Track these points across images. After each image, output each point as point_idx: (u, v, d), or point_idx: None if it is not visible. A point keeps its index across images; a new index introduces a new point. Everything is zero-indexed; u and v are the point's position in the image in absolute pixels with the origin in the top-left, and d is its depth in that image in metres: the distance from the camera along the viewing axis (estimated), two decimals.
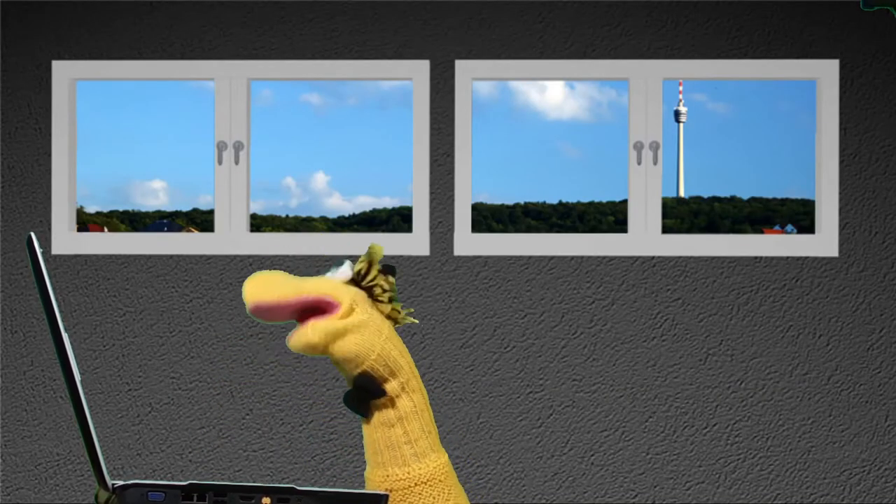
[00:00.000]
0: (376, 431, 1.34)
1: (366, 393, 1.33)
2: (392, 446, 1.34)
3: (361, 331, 1.32)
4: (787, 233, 4.14)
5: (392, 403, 1.33)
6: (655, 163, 4.08)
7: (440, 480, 1.35)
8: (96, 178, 4.25)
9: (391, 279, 1.37)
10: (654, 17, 4.08)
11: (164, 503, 1.24)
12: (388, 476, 1.33)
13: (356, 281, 1.37)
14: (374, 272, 1.36)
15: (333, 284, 1.34)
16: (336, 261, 1.39)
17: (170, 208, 4.26)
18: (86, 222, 4.20)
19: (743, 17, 4.07)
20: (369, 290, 1.36)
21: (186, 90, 4.28)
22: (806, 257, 4.07)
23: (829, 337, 4.06)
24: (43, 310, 1.29)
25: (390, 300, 1.35)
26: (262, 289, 1.30)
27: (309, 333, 1.31)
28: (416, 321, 1.40)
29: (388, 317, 1.35)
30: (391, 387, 1.33)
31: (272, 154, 4.23)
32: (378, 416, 1.34)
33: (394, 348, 1.33)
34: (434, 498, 1.35)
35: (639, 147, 4.07)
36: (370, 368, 1.32)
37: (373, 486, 1.34)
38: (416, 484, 1.34)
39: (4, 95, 4.14)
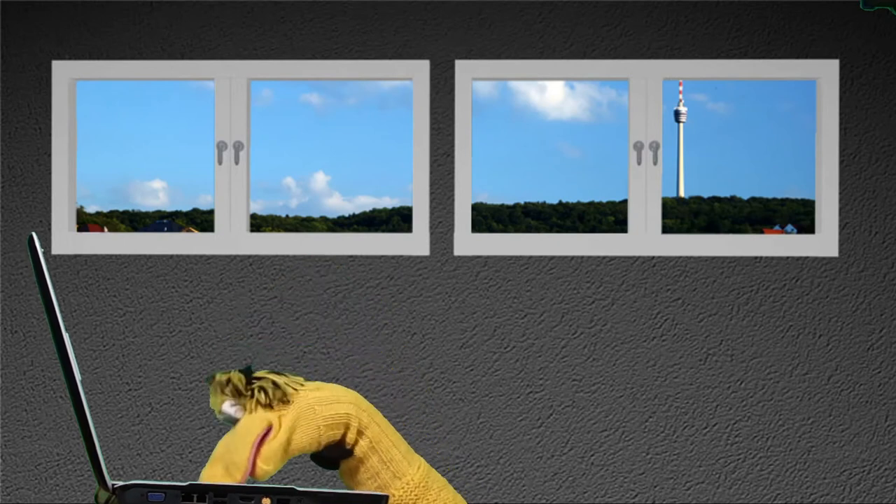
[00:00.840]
0: (355, 472, 1.36)
1: (327, 461, 1.36)
2: (372, 476, 1.36)
3: (299, 428, 1.34)
4: (787, 233, 4.14)
5: (356, 446, 1.36)
6: (655, 163, 4.08)
7: (425, 487, 1.36)
8: (96, 178, 4.25)
9: (250, 377, 1.39)
10: (654, 17, 4.08)
11: (164, 503, 1.24)
12: None
13: (241, 395, 1.38)
14: (255, 392, 1.38)
15: (248, 423, 1.34)
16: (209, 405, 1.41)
17: (170, 208, 4.26)
18: (86, 222, 4.20)
19: (743, 17, 4.07)
20: (261, 394, 1.37)
21: (186, 90, 4.28)
22: (806, 257, 4.07)
23: (829, 337, 4.06)
24: (43, 310, 1.29)
25: (275, 386, 1.37)
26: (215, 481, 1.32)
27: (263, 465, 1.32)
28: (301, 381, 1.41)
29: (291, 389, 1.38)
30: (349, 438, 1.35)
31: (272, 154, 4.23)
32: (346, 463, 1.37)
33: (329, 410, 1.35)
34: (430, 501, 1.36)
35: (639, 147, 4.07)
36: (327, 441, 1.34)
37: None
38: (403, 502, 1.36)
39: (4, 95, 4.14)
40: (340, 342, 4.09)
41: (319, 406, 1.35)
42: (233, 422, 1.36)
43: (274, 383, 1.37)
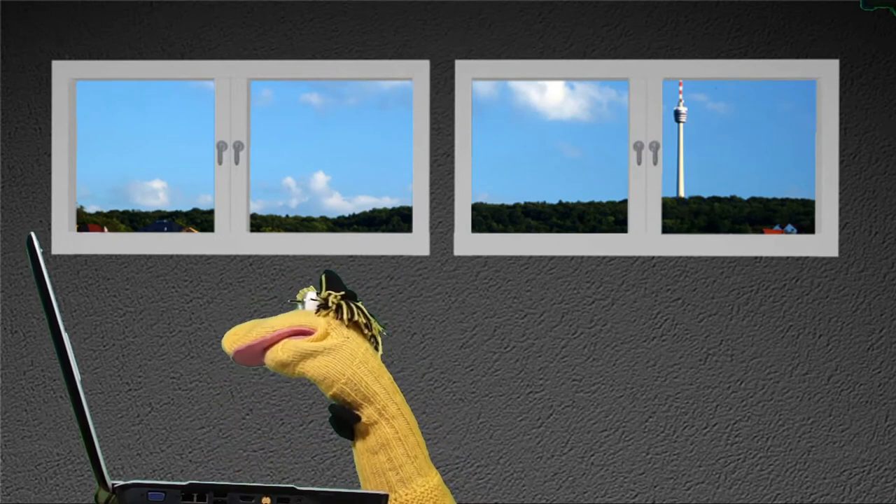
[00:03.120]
0: (362, 458, 1.36)
1: (337, 418, 1.35)
2: (377, 473, 1.35)
3: (332, 354, 1.34)
4: (787, 233, 4.14)
5: (371, 430, 1.35)
6: (655, 163, 4.08)
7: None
8: (96, 178, 4.25)
9: (359, 304, 1.40)
10: (654, 17, 4.08)
11: (164, 503, 1.24)
12: None
13: (326, 307, 1.39)
14: (335, 299, 1.38)
15: (305, 315, 1.36)
16: (298, 295, 1.42)
17: (170, 208, 4.26)
18: (86, 222, 4.20)
19: (743, 17, 4.07)
20: (346, 315, 1.38)
21: (186, 90, 4.28)
22: (806, 257, 4.07)
23: (829, 337, 4.06)
24: (43, 310, 1.29)
25: (366, 324, 1.37)
26: (237, 335, 1.35)
27: (279, 351, 1.34)
28: (383, 330, 1.42)
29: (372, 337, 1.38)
30: (367, 413, 1.35)
31: (272, 154, 4.23)
32: (361, 444, 1.36)
33: (367, 374, 1.35)
34: None
35: (639, 147, 4.07)
36: (340, 392, 1.34)
37: None
38: None
39: (4, 95, 4.14)
40: None
41: (361, 365, 1.35)
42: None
43: (360, 312, 1.37)
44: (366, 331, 1.38)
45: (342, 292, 1.39)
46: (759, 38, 4.07)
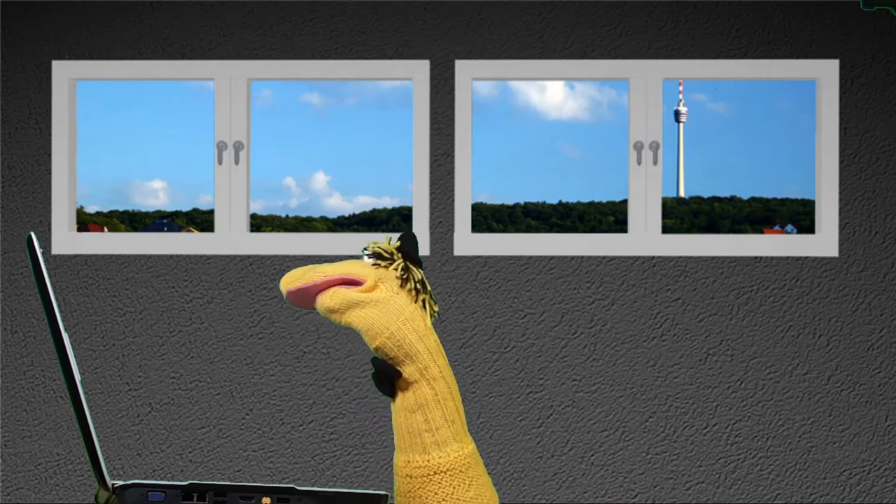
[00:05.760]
0: (399, 416, 1.36)
1: (378, 372, 1.35)
2: (413, 433, 1.35)
3: (379, 307, 1.35)
4: (787, 233, 4.14)
5: (411, 388, 1.35)
6: (655, 163, 4.08)
7: (461, 471, 1.35)
8: (96, 178, 4.25)
9: (420, 272, 1.40)
10: (654, 17, 4.08)
11: (164, 503, 1.24)
12: (408, 462, 1.34)
13: (384, 259, 1.40)
14: (398, 259, 1.39)
15: (360, 265, 1.38)
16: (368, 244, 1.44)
17: (170, 208, 4.26)
18: (86, 222, 4.20)
19: (743, 17, 4.07)
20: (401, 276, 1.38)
21: (186, 90, 4.28)
22: (806, 257, 4.07)
23: (829, 337, 4.06)
24: (43, 310, 1.29)
25: (417, 290, 1.37)
26: (292, 277, 1.38)
27: (328, 297, 1.37)
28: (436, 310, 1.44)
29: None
30: (408, 371, 1.35)
31: (272, 154, 4.23)
32: (400, 401, 1.36)
33: (412, 332, 1.35)
34: (454, 487, 1.35)
35: (639, 147, 4.07)
36: (382, 346, 1.34)
37: (396, 470, 1.35)
38: (434, 472, 1.34)
39: (4, 95, 4.14)
40: (340, 342, 4.09)
41: (406, 322, 1.35)
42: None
43: (416, 279, 1.38)
44: (418, 296, 1.38)
45: (408, 255, 1.39)
46: (759, 38, 4.07)
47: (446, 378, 1.37)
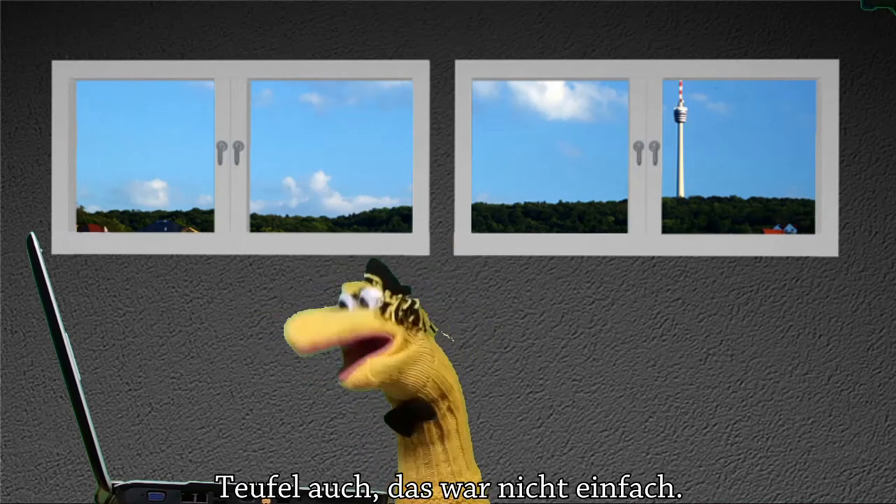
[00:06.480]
0: (417, 448, 1.34)
1: (416, 417, 1.33)
2: (430, 464, 1.34)
3: (417, 362, 1.32)
4: (787, 233, 4.14)
5: (437, 423, 1.34)
6: (655, 163, 4.08)
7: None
8: (96, 178, 4.25)
9: (416, 300, 1.38)
10: (654, 17, 4.08)
11: (164, 503, 1.24)
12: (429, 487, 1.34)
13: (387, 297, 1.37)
14: (401, 303, 1.35)
15: (381, 321, 1.32)
16: (342, 289, 1.39)
17: (170, 208, 4.26)
18: (86, 222, 4.19)
19: (743, 17, 4.07)
20: (411, 319, 1.36)
21: (186, 90, 4.28)
22: (806, 257, 4.07)
23: (829, 337, 4.06)
24: (43, 310, 1.29)
25: (418, 315, 1.36)
26: (314, 328, 1.27)
27: (368, 374, 1.28)
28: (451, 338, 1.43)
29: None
30: (441, 406, 1.34)
31: (272, 154, 4.23)
32: (418, 435, 1.34)
33: (444, 368, 1.35)
34: None
35: (639, 147, 4.07)
36: (424, 392, 1.32)
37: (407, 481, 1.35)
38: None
39: (4, 95, 4.14)
40: None
41: (437, 362, 1.34)
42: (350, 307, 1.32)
43: (426, 322, 1.35)
44: (425, 326, 1.37)
45: (406, 293, 1.35)
46: (759, 38, 4.06)
47: (464, 406, 1.37)
